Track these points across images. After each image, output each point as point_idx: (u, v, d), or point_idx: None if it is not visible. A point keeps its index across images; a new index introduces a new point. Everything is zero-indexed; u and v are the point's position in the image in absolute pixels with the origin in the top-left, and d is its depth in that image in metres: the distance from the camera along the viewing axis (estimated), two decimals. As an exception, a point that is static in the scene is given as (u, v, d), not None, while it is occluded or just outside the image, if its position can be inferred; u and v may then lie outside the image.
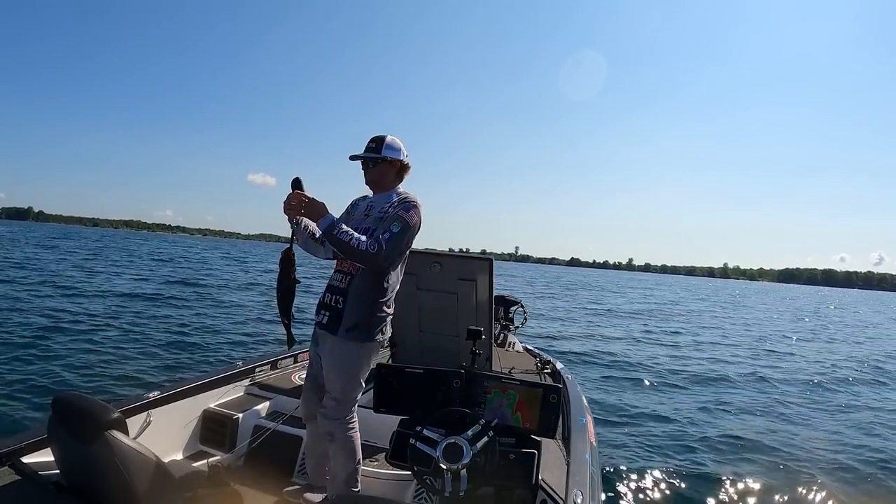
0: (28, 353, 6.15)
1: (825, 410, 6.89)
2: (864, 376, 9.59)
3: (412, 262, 2.85)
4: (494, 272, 2.85)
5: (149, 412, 2.35)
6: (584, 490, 1.80)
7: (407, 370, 2.09)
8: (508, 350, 4.30)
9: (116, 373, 5.77)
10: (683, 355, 10.37)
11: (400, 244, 2.05)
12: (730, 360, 10.26)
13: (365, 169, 2.18)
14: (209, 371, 3.02)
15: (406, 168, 2.21)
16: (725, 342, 13.07)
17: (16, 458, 1.74)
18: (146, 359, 6.53)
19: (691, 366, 9.29)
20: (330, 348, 2.10)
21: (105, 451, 1.40)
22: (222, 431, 2.64)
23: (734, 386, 7.97)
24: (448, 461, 1.74)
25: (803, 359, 11.38)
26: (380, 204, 2.17)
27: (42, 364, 5.80)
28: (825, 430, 5.94)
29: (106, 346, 6.89)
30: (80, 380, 5.46)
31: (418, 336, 3.11)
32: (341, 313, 2.06)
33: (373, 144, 2.16)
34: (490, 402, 1.98)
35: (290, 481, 2.44)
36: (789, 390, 7.93)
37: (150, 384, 5.19)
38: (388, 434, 2.11)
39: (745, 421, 6.10)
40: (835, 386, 8.53)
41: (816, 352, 12.75)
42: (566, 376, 3.36)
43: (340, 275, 2.13)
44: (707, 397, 7.11)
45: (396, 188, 2.21)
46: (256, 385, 3.02)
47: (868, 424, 6.27)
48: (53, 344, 6.70)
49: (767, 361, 10.58)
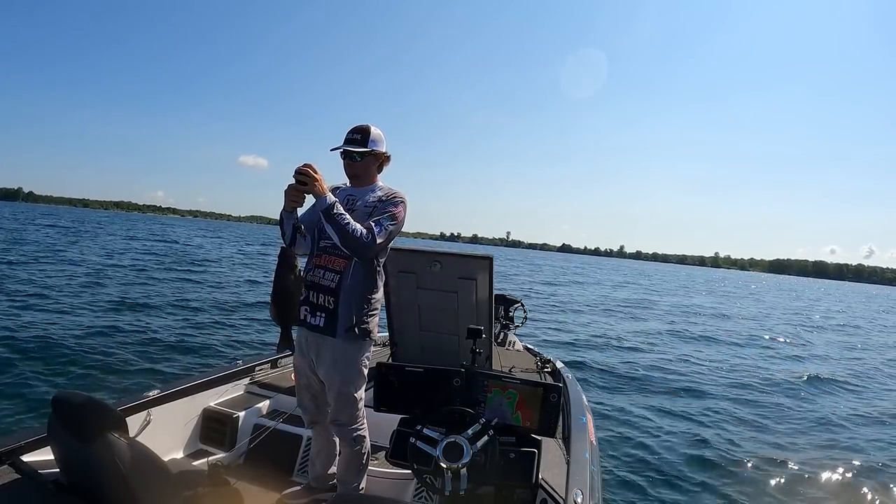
0: (28, 353, 6.15)
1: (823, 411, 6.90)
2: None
3: (412, 261, 2.85)
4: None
5: (149, 411, 2.35)
6: (584, 489, 1.80)
7: (407, 369, 2.09)
8: (509, 349, 4.30)
9: (116, 372, 5.77)
10: (684, 355, 10.36)
11: (390, 238, 2.06)
12: (730, 360, 10.26)
13: (349, 162, 2.09)
14: (209, 370, 3.02)
15: (388, 160, 2.17)
16: (725, 342, 13.06)
17: (16, 456, 1.74)
18: (146, 358, 6.53)
19: (692, 366, 9.28)
20: (330, 352, 2.06)
21: (105, 450, 1.40)
22: (222, 430, 2.64)
23: (736, 386, 7.97)
24: (448, 460, 1.74)
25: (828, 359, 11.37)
26: (362, 197, 2.10)
27: (42, 363, 5.80)
28: (827, 432, 5.94)
29: (106, 345, 6.88)
30: (81, 379, 5.46)
31: (418, 335, 3.11)
32: (336, 313, 2.02)
33: (357, 136, 2.06)
34: (490, 401, 1.98)
35: (290, 480, 2.44)
36: (799, 391, 7.93)
37: (149, 383, 5.19)
38: (389, 433, 2.11)
39: (746, 421, 6.09)
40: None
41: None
42: (566, 375, 3.36)
43: (330, 273, 2.05)
44: (707, 397, 7.11)
45: (377, 181, 2.17)
46: (256, 384, 3.02)
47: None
48: (53, 343, 6.70)
49: (768, 359, 10.58)
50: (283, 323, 2.05)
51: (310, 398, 2.22)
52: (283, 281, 1.95)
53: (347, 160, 2.09)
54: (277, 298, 1.98)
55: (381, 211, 2.04)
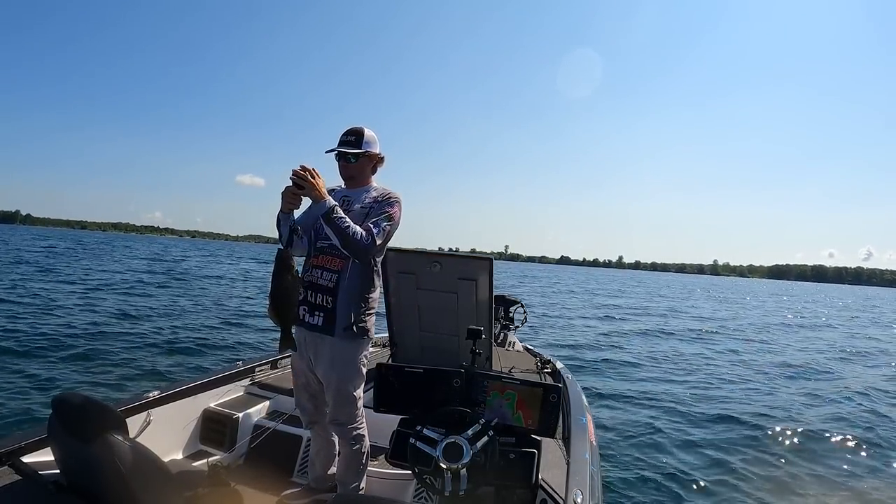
0: (28, 354, 6.15)
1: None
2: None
3: (412, 261, 2.85)
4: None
5: (149, 412, 2.35)
6: (583, 490, 1.80)
7: (407, 369, 2.09)
8: (508, 349, 4.30)
9: (116, 372, 5.77)
10: (685, 355, 10.36)
11: (388, 239, 2.07)
12: (732, 358, 10.26)
13: (344, 163, 2.11)
14: (209, 371, 3.02)
15: (382, 161, 2.19)
16: (724, 344, 13.06)
17: (16, 457, 1.74)
18: (146, 358, 6.53)
19: (693, 366, 9.28)
20: (329, 350, 2.07)
21: (105, 451, 1.40)
22: (222, 431, 2.64)
23: (737, 386, 7.97)
24: (448, 461, 1.74)
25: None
26: (358, 198, 2.11)
27: (42, 363, 5.80)
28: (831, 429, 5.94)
29: (106, 346, 6.89)
30: (81, 379, 5.46)
31: (418, 335, 3.11)
32: (334, 312, 2.04)
33: (352, 138, 2.08)
34: (490, 401, 1.98)
35: (290, 480, 2.44)
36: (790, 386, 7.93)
37: (150, 384, 5.19)
38: (388, 433, 2.11)
39: (747, 421, 6.09)
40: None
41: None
42: (566, 376, 3.37)
43: (327, 273, 2.06)
44: (709, 397, 7.11)
45: (372, 182, 2.19)
46: (256, 385, 3.02)
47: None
48: (53, 343, 6.70)
49: (769, 357, 10.58)
50: (282, 323, 2.05)
51: (308, 398, 2.23)
52: (281, 282, 1.96)
53: (342, 162, 2.11)
54: (276, 299, 1.98)
55: (378, 212, 2.05)
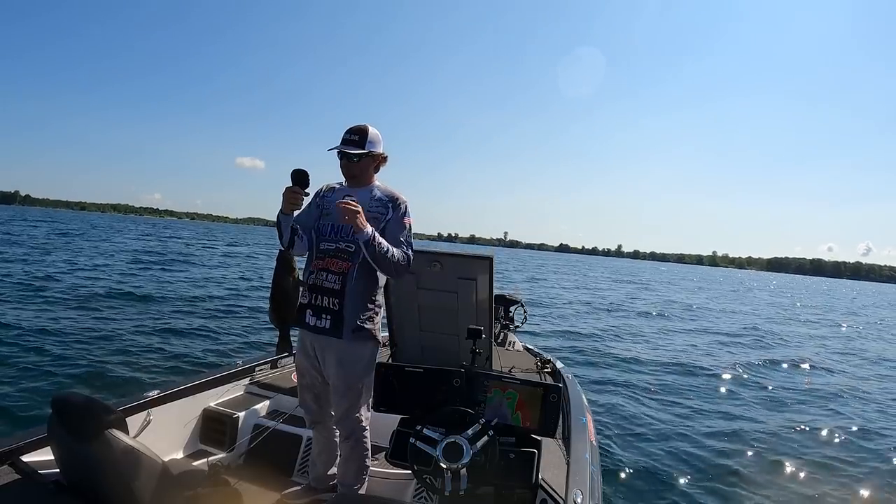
0: (27, 352, 6.15)
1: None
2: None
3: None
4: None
5: (149, 411, 2.35)
6: (583, 489, 1.80)
7: (407, 369, 2.09)
8: (509, 349, 4.30)
9: (116, 372, 5.77)
10: (684, 356, 10.36)
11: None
12: (730, 358, 10.25)
13: (346, 162, 2.07)
14: (209, 370, 3.02)
15: (385, 161, 2.16)
16: (727, 343, 13.06)
17: (16, 457, 1.74)
18: (146, 358, 6.53)
19: (692, 367, 9.28)
20: (337, 353, 2.05)
21: (105, 450, 1.40)
22: (222, 430, 2.64)
23: (738, 385, 7.96)
24: (448, 460, 1.74)
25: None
26: (361, 198, 2.06)
27: (42, 363, 5.79)
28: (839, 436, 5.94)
29: (106, 346, 6.88)
30: (80, 379, 5.46)
31: (418, 335, 3.11)
32: (342, 315, 2.02)
33: (355, 137, 2.05)
34: (490, 401, 1.98)
35: (290, 480, 2.44)
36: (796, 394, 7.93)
37: (149, 383, 5.19)
38: (389, 433, 2.11)
39: (747, 421, 6.09)
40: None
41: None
42: (566, 375, 3.36)
43: (332, 275, 2.03)
44: (709, 397, 7.11)
45: (374, 180, 2.17)
46: (256, 384, 3.02)
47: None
48: (53, 342, 6.70)
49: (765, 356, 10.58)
50: (281, 325, 2.04)
51: (312, 398, 2.22)
52: (282, 283, 1.95)
53: (345, 161, 2.08)
54: (276, 301, 1.98)
55: (397, 224, 2.06)
